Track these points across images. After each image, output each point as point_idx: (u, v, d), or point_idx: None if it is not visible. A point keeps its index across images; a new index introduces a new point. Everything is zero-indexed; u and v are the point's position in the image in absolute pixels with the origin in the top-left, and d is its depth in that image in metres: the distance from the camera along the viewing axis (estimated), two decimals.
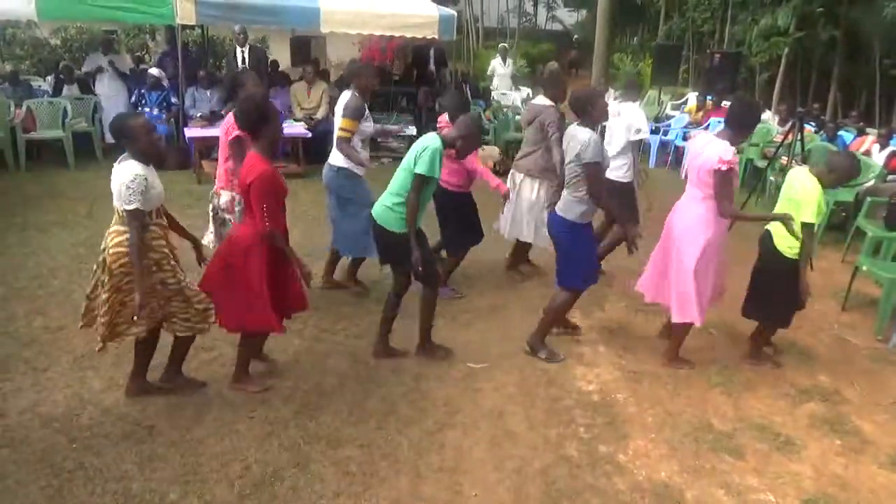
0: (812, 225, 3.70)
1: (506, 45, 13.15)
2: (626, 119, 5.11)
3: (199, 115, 8.32)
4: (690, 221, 3.81)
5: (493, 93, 12.39)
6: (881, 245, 5.43)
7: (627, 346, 4.32)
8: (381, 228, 3.73)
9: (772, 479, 3.14)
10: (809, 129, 9.25)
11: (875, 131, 8.56)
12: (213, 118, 8.09)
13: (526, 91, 11.98)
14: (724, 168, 3.56)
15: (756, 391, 3.88)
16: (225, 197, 4.14)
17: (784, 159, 5.99)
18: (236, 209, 4.02)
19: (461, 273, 5.12)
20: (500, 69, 12.20)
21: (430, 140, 3.63)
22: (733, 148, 3.65)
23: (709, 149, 3.68)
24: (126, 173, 3.01)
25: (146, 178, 3.04)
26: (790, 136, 6.30)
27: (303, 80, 9.28)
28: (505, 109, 10.96)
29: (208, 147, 7.91)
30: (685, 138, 9.29)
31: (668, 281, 3.99)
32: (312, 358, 3.96)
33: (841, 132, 8.74)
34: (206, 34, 12.43)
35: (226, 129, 4.04)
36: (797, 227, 3.63)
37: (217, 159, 4.44)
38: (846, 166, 3.79)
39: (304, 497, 2.85)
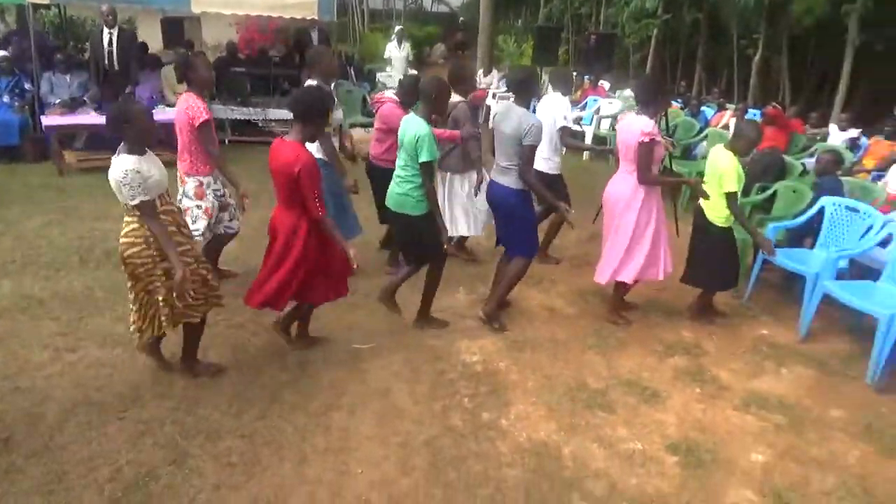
0: (735, 193, 4.11)
1: (402, 27, 13.01)
2: (551, 110, 5.16)
3: (57, 101, 7.68)
4: (624, 191, 4.18)
5: (379, 75, 12.28)
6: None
7: (510, 317, 4.46)
8: (402, 216, 3.89)
9: (639, 429, 3.38)
10: (676, 105, 9.91)
11: (733, 106, 9.30)
12: (73, 105, 7.51)
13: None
14: (646, 140, 3.93)
15: (627, 350, 4.14)
16: (192, 183, 4.07)
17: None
18: (208, 195, 4.14)
19: None
20: (395, 52, 12.08)
21: (416, 126, 3.70)
22: (653, 121, 4.02)
23: (633, 125, 4.06)
24: (118, 171, 2.97)
25: (138, 171, 2.97)
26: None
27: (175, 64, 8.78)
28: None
29: (69, 136, 7.34)
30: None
31: (609, 248, 4.34)
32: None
33: (704, 108, 9.40)
34: (64, 14, 11.48)
35: (187, 113, 4.00)
36: (718, 196, 4.16)
37: (80, 148, 4.24)
38: (750, 132, 4.22)
39: (182, 493, 2.75)
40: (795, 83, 13.38)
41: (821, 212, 4.91)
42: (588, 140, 9.24)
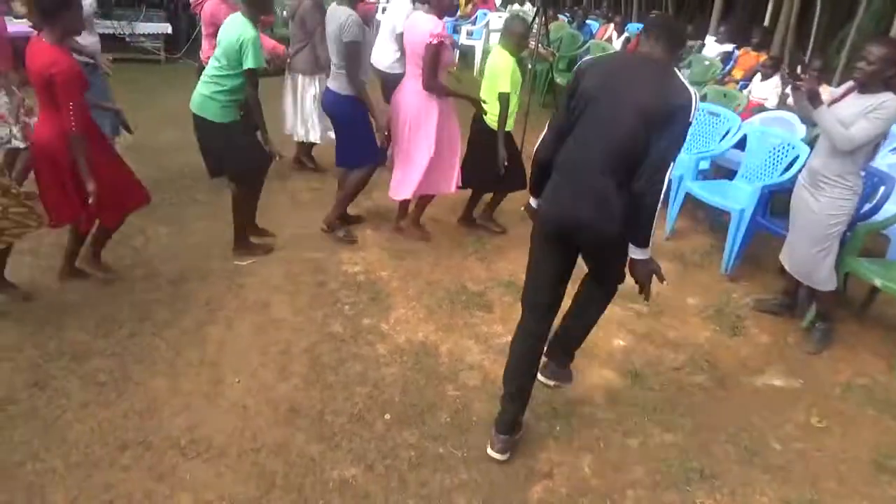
0: (507, 93, 4.05)
1: None
2: (394, 11, 5.03)
3: None
4: (418, 102, 3.96)
5: None
6: None
7: (392, 227, 4.49)
8: (202, 120, 3.54)
9: (514, 324, 3.49)
10: (563, 19, 9.98)
11: (617, 19, 9.46)
12: None
13: None
14: (434, 42, 3.73)
15: (506, 254, 4.30)
16: None
17: (531, 44, 6.42)
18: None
19: None
20: None
21: (241, 29, 3.40)
22: (442, 21, 3.83)
23: (421, 25, 3.82)
24: None
25: None
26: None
27: None
28: None
29: None
30: (455, 31, 9.49)
31: (403, 159, 4.15)
32: (52, 275, 3.59)
33: (588, 21, 9.52)
34: None
35: None
36: (494, 100, 4.08)
37: None
38: (516, 28, 4.18)
39: (46, 414, 2.65)
40: None
41: None
42: (478, 55, 9.17)
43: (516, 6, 10.68)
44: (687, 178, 4.61)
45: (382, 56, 5.11)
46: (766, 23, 9.22)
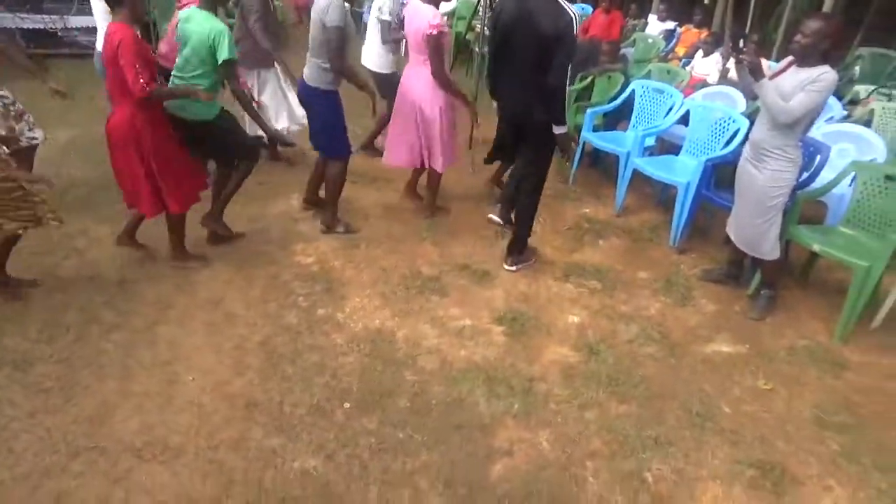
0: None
1: None
2: (377, 1, 4.99)
3: None
4: (424, 85, 4.03)
5: None
6: None
7: (344, 216, 4.44)
8: (184, 120, 3.46)
9: (470, 307, 3.58)
10: None
11: None
12: None
13: None
14: (434, 33, 3.79)
15: (459, 238, 4.31)
16: None
17: (477, 27, 6.42)
18: None
19: None
20: None
21: (210, 22, 3.31)
22: (439, 11, 3.89)
23: (418, 16, 3.87)
24: None
25: None
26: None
27: None
28: None
29: None
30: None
31: (415, 143, 4.22)
32: None
33: None
34: None
35: None
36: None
37: None
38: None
39: None
40: None
41: (633, 96, 5.26)
42: None
43: None
44: (634, 155, 4.69)
45: (373, 56, 5.06)
46: (706, 1, 9.41)
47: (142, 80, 3.05)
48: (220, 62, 3.33)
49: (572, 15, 3.22)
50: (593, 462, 2.60)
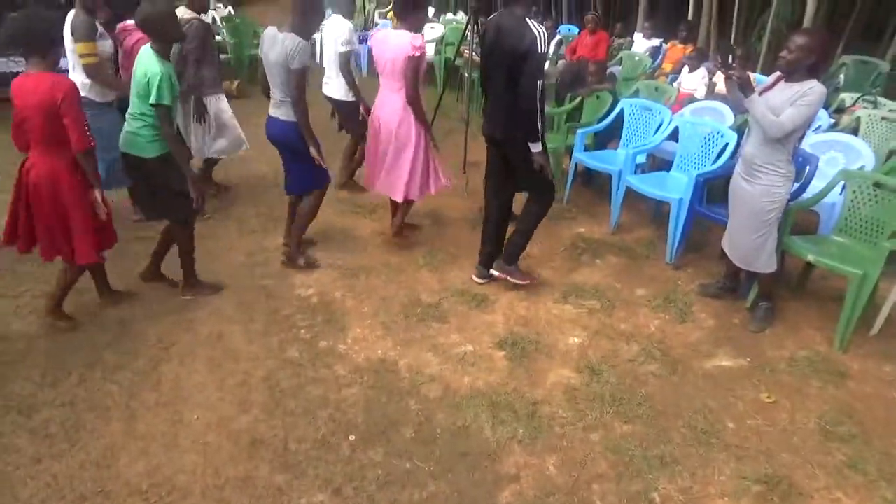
0: None
1: None
2: (332, 33, 5.03)
3: None
4: (399, 113, 4.05)
5: None
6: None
7: (342, 247, 4.49)
8: (132, 157, 3.43)
9: (470, 333, 3.59)
10: None
11: (548, 24, 9.65)
12: None
13: None
14: (417, 55, 3.85)
15: (457, 263, 4.34)
16: None
17: (466, 52, 6.51)
18: None
19: None
20: None
21: (147, 63, 3.24)
22: (420, 35, 3.93)
23: (396, 40, 3.89)
24: None
25: None
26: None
27: None
28: None
29: None
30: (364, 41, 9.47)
31: (389, 169, 4.22)
32: None
33: None
34: None
35: None
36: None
37: None
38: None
39: None
40: None
41: (623, 114, 5.33)
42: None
43: (449, 15, 10.79)
44: (626, 173, 4.74)
45: (335, 86, 5.01)
46: (690, 16, 9.56)
47: (88, 133, 3.02)
48: (150, 103, 3.25)
49: (536, 33, 3.31)
50: (600, 485, 2.60)
